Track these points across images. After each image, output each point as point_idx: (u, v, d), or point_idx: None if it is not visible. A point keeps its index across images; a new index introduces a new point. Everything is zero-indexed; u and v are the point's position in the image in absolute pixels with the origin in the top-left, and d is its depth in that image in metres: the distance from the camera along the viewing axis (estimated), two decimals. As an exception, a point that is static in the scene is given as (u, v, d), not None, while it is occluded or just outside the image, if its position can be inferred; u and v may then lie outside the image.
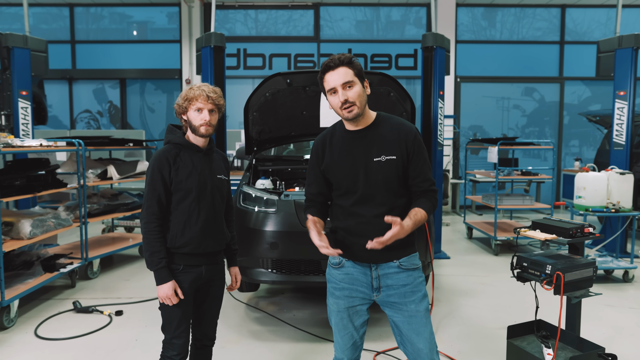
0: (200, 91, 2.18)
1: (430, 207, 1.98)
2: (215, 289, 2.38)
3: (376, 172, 1.94)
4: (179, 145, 2.26)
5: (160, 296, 2.17)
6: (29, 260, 4.41)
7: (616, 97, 5.93)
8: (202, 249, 2.25)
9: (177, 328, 2.22)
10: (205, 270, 2.29)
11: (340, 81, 1.87)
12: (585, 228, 2.85)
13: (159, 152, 2.23)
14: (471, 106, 10.10)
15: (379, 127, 1.98)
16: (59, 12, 10.09)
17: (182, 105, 2.21)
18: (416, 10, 10.13)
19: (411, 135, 1.96)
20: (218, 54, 5.77)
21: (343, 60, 1.90)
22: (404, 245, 1.99)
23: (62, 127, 10.12)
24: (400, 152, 1.94)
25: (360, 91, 1.90)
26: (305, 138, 4.58)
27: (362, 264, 2.01)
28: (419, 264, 2.05)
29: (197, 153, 2.27)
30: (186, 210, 2.21)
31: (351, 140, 1.99)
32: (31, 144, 4.16)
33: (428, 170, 1.99)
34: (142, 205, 2.21)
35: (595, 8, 9.98)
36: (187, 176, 2.20)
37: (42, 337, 3.58)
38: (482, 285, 4.86)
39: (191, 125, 2.22)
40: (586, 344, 2.89)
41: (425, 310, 2.00)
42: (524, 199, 6.51)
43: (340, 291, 2.05)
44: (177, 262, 2.23)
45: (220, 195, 2.34)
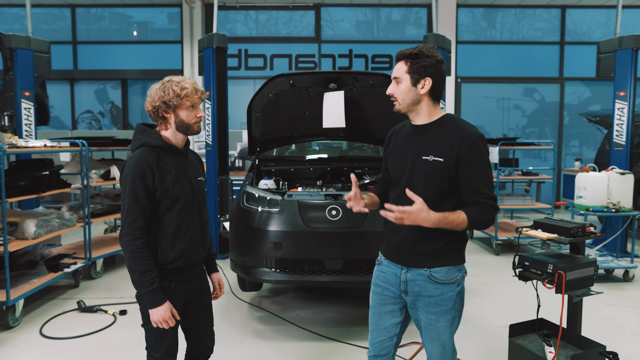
0: (191, 86, 2.02)
1: (476, 218, 1.83)
2: (204, 298, 2.25)
3: (420, 170, 1.90)
4: (157, 148, 2.03)
5: (156, 320, 1.97)
6: (33, 260, 4.44)
7: (616, 98, 5.96)
8: (192, 260, 2.10)
9: (168, 348, 2.08)
10: (194, 283, 2.16)
11: (393, 75, 1.94)
12: (587, 227, 2.88)
13: (136, 158, 1.98)
14: (472, 106, 10.13)
15: (440, 127, 1.92)
16: (59, 13, 10.12)
17: (172, 103, 1.99)
18: (416, 11, 10.16)
19: (468, 142, 1.83)
20: (220, 55, 5.80)
21: (404, 54, 1.91)
22: (437, 253, 1.93)
23: (64, 128, 10.14)
24: (449, 156, 1.84)
25: (405, 89, 1.90)
26: (308, 138, 4.60)
27: (395, 264, 2.02)
28: (454, 277, 1.94)
29: (177, 155, 2.08)
30: (175, 220, 2.02)
31: (411, 134, 1.99)
32: (36, 145, 4.19)
33: (482, 184, 1.84)
34: (123, 219, 1.95)
35: (595, 9, 10.01)
36: (174, 182, 2.01)
37: (47, 336, 3.61)
38: (483, 285, 4.88)
39: (182, 124, 2.03)
40: (587, 342, 2.92)
41: (446, 322, 1.96)
42: (524, 199, 6.54)
43: (376, 287, 2.11)
44: (168, 279, 2.03)
45: (202, 199, 2.21)
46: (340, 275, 3.48)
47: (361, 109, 4.14)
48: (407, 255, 1.96)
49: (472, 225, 1.85)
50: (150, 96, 2.04)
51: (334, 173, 4.53)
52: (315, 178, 4.51)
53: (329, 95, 3.87)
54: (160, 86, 2.02)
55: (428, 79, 1.87)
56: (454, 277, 1.95)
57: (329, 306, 4.24)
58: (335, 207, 3.49)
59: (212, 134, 5.82)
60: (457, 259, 1.97)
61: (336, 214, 3.48)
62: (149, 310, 1.98)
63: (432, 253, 1.93)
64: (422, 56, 1.87)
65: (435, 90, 1.90)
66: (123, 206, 1.97)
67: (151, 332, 2.07)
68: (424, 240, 1.92)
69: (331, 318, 3.97)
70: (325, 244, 3.45)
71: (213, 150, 5.86)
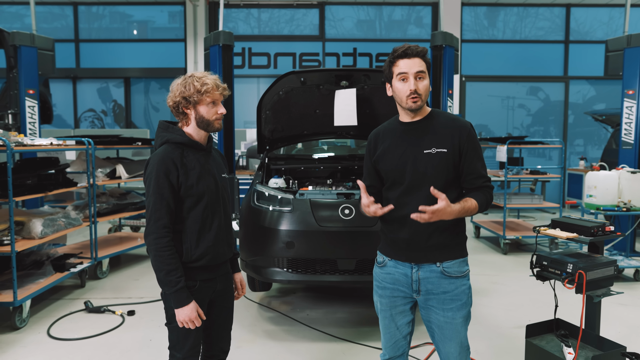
0: (213, 82, 1.98)
1: (484, 201, 1.92)
2: (226, 300, 2.20)
3: (425, 164, 1.91)
4: (180, 144, 2.01)
5: (182, 320, 1.94)
6: (39, 260, 4.39)
7: (625, 96, 5.92)
8: (218, 259, 2.06)
9: (191, 348, 2.05)
10: (219, 283, 2.12)
11: (415, 69, 1.87)
12: (607, 227, 2.84)
13: (160, 155, 1.96)
14: (476, 105, 10.09)
15: (434, 119, 1.96)
16: (60, 11, 10.05)
17: (192, 98, 1.96)
18: (418, 10, 10.12)
19: (465, 130, 1.93)
20: (227, 53, 5.75)
21: (420, 52, 1.90)
22: (448, 247, 1.95)
23: (66, 127, 10.08)
24: (452, 146, 1.90)
25: (428, 85, 1.93)
26: (318, 137, 4.56)
27: (404, 263, 1.99)
28: (465, 270, 1.98)
29: (200, 152, 2.06)
30: (199, 218, 1.99)
31: (405, 131, 1.99)
32: (42, 143, 4.13)
33: (481, 168, 1.95)
34: (148, 217, 1.93)
35: (598, 8, 9.98)
36: (198, 179, 1.98)
37: (55, 337, 3.56)
38: (493, 285, 4.84)
39: (202, 120, 2.00)
40: (606, 343, 2.87)
41: (462, 319, 1.97)
42: (532, 198, 6.50)
43: (383, 290, 2.06)
44: (193, 278, 2.00)
45: (227, 196, 2.18)
46: (353, 275, 3.44)
47: (372, 107, 4.10)
48: (418, 251, 1.95)
49: (482, 208, 1.92)
50: (171, 91, 2.02)
51: (344, 172, 4.49)
52: (325, 177, 4.47)
53: (341, 92, 3.82)
54: (182, 81, 2.00)
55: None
56: (465, 270, 1.98)
57: (339, 306, 4.19)
58: (348, 206, 3.45)
59: (219, 132, 5.77)
60: (464, 250, 2.01)
61: (349, 213, 3.44)
62: (175, 310, 1.95)
63: (443, 246, 1.94)
64: (427, 56, 1.94)
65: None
66: (148, 204, 1.94)
67: (175, 332, 2.04)
68: (437, 233, 1.92)
69: (342, 318, 3.92)
70: (338, 244, 3.41)
71: (219, 149, 5.80)
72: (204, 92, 1.96)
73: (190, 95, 1.96)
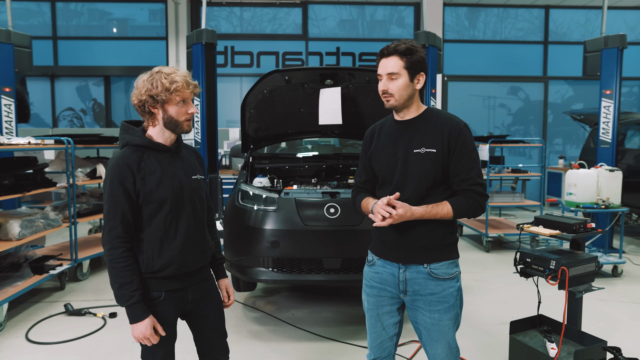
0: (183, 79, 1.82)
1: (463, 207, 1.87)
2: (210, 308, 2.04)
3: (413, 164, 1.89)
4: (140, 147, 1.85)
5: (136, 337, 1.79)
6: (16, 262, 4.28)
7: (602, 96, 6.04)
8: (187, 268, 1.89)
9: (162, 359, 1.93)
10: (192, 292, 1.95)
11: (388, 70, 1.87)
12: (588, 224, 2.89)
13: (116, 160, 1.81)
14: (458, 105, 10.20)
15: (426, 119, 1.93)
16: (37, 8, 9.82)
17: (159, 97, 1.80)
18: (400, 10, 10.18)
19: (456, 130, 1.87)
20: (209, 51, 5.68)
21: (397, 49, 1.87)
22: (436, 248, 1.92)
23: (44, 126, 9.85)
24: (442, 146, 1.86)
25: (402, 84, 1.87)
26: (302, 136, 4.54)
27: (392, 263, 1.98)
28: (453, 272, 1.94)
29: (164, 154, 1.88)
30: (161, 225, 1.83)
31: (397, 130, 1.97)
32: (20, 142, 4.03)
33: (471, 170, 1.87)
34: (103, 226, 1.80)
35: (575, 9, 10.19)
36: (157, 184, 1.82)
37: (34, 342, 3.47)
38: (476, 282, 4.90)
39: (171, 121, 1.84)
40: (588, 338, 2.93)
41: (449, 321, 1.93)
42: (514, 196, 6.60)
43: (370, 289, 2.05)
44: (157, 289, 1.85)
45: (199, 200, 1.98)
46: (339, 274, 3.43)
47: (357, 106, 4.09)
48: (405, 252, 1.93)
49: (459, 214, 1.87)
50: (137, 88, 1.85)
51: (329, 171, 4.48)
52: (310, 176, 4.45)
53: (326, 91, 3.81)
54: (148, 78, 1.82)
55: (422, 74, 1.90)
56: (453, 273, 1.94)
57: (324, 305, 4.18)
58: (333, 205, 3.44)
59: (202, 131, 5.70)
60: (454, 253, 1.97)
61: (334, 212, 3.43)
62: (131, 326, 1.80)
63: (431, 248, 1.91)
64: (415, 51, 1.87)
65: (424, 85, 1.93)
66: (104, 211, 1.80)
67: (144, 350, 1.92)
68: (424, 235, 1.90)
69: (328, 317, 3.92)
70: (324, 243, 3.40)
71: (202, 148, 5.74)
72: (173, 91, 1.80)
73: (157, 94, 1.80)
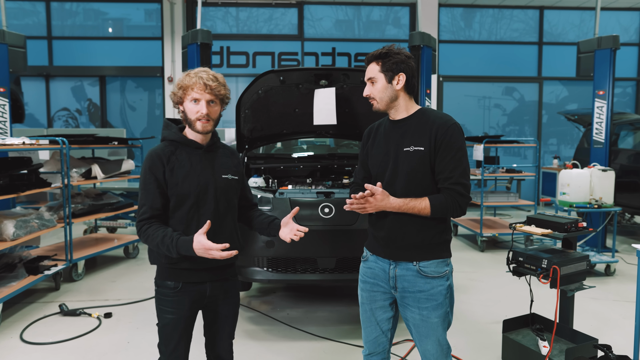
0: (197, 78, 1.87)
1: (442, 204, 1.88)
2: (225, 307, 2.09)
3: (403, 162, 1.94)
4: (174, 142, 1.97)
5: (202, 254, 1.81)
6: (11, 262, 4.27)
7: (596, 97, 6.09)
8: (205, 264, 1.92)
9: (173, 351, 2.00)
10: (211, 288, 2.01)
11: (368, 75, 2.00)
12: (579, 223, 2.92)
13: (151, 151, 1.94)
14: (453, 105, 10.23)
15: (417, 119, 1.98)
16: (32, 8, 9.78)
17: (178, 94, 1.92)
18: (396, 11, 10.21)
19: (443, 128, 1.90)
20: (205, 51, 5.69)
21: (374, 55, 1.99)
22: (426, 247, 1.95)
23: (39, 126, 9.81)
24: (429, 144, 1.90)
25: (381, 87, 1.97)
26: (297, 136, 4.55)
27: (383, 259, 2.03)
28: (443, 271, 1.97)
29: (196, 150, 1.97)
30: (183, 219, 1.92)
31: (390, 129, 2.04)
32: (14, 142, 4.02)
33: (454, 169, 1.89)
34: (137, 212, 1.95)
35: (570, 10, 10.24)
36: (183, 178, 1.91)
37: (28, 342, 3.47)
38: (471, 281, 4.93)
39: (187, 119, 1.94)
40: (579, 336, 2.96)
41: (438, 319, 1.96)
42: (508, 196, 6.64)
43: (364, 284, 2.11)
44: (176, 279, 1.94)
45: (226, 199, 2.02)
46: (334, 274, 3.45)
47: (351, 106, 4.11)
48: (395, 249, 1.98)
49: (436, 212, 1.88)
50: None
51: (324, 170, 4.49)
52: (304, 176, 4.46)
53: (320, 91, 3.82)
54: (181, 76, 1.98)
55: (401, 74, 1.95)
56: (443, 271, 1.97)
57: (319, 305, 4.20)
58: (328, 205, 3.46)
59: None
60: (445, 252, 1.99)
61: (329, 211, 3.44)
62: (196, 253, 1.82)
63: (421, 246, 1.95)
64: (392, 54, 1.95)
65: (409, 84, 1.98)
66: (138, 198, 1.94)
67: (160, 333, 2.03)
68: (412, 232, 1.94)
69: (323, 317, 3.93)
70: (318, 242, 3.41)
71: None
72: (184, 88, 1.91)
73: (176, 92, 1.94)
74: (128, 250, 5.85)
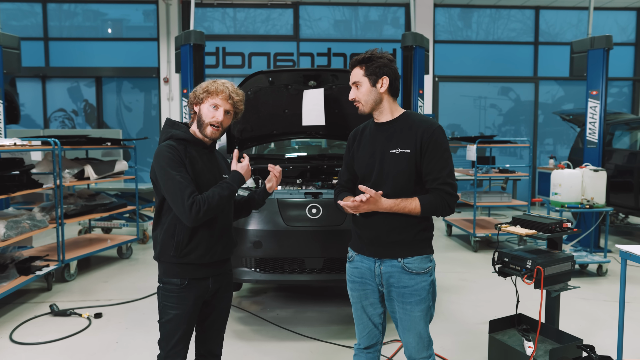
0: (224, 87, 2.03)
1: (431, 204, 1.95)
2: (222, 301, 2.19)
3: (389, 164, 1.99)
4: (183, 140, 2.04)
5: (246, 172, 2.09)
6: (2, 263, 4.28)
7: (589, 97, 6.10)
8: (209, 258, 2.05)
9: (173, 347, 2.05)
10: (212, 282, 2.10)
11: (352, 81, 2.06)
12: (564, 223, 2.93)
13: (164, 147, 1.98)
14: (449, 105, 10.24)
15: (403, 121, 2.04)
16: (30, 9, 9.81)
17: (199, 95, 2.04)
18: (394, 11, 10.22)
19: (429, 131, 1.96)
20: (198, 52, 5.71)
21: (357, 60, 2.04)
22: (410, 243, 2.02)
23: (35, 127, 9.84)
24: (415, 146, 1.96)
25: (365, 91, 2.02)
26: (287, 137, 4.56)
27: (368, 258, 2.08)
28: (427, 267, 2.03)
29: (203, 150, 2.09)
30: None
31: (375, 132, 2.09)
32: (4, 143, 4.04)
33: (442, 170, 1.96)
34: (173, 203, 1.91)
35: (567, 10, 10.24)
36: (197, 174, 2.01)
37: (18, 342, 3.48)
38: (462, 282, 4.93)
39: (199, 120, 2.04)
40: (565, 336, 2.97)
41: (420, 312, 2.02)
42: (501, 196, 6.64)
43: (353, 284, 2.16)
44: (182, 276, 2.02)
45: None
46: (321, 274, 3.46)
47: (341, 107, 4.12)
48: (380, 247, 2.04)
49: (426, 211, 1.96)
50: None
51: (314, 171, 4.50)
52: (294, 176, 4.47)
53: (309, 92, 3.84)
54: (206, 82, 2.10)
55: (385, 77, 2.00)
56: (427, 267, 2.04)
57: (309, 305, 4.21)
58: (315, 206, 3.47)
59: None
60: (428, 248, 2.07)
61: (316, 212, 3.45)
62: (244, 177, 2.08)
63: (405, 243, 2.02)
64: (375, 58, 2.01)
65: (392, 86, 2.03)
66: (167, 190, 1.92)
67: (161, 329, 2.08)
68: (397, 230, 2.00)
69: (312, 317, 3.94)
70: (306, 243, 3.42)
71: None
72: (208, 92, 2.03)
73: (200, 93, 2.04)
74: (121, 250, 5.86)
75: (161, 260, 2.06)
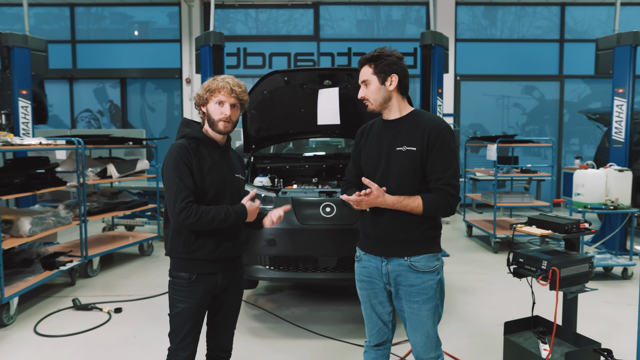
0: (224, 83, 2.05)
1: (433, 203, 1.94)
2: (231, 297, 2.22)
3: (395, 161, 2.00)
4: (196, 139, 2.08)
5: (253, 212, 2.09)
6: (28, 258, 4.44)
7: (615, 95, 5.93)
8: (218, 255, 2.07)
9: (182, 340, 2.09)
10: (222, 278, 2.13)
11: (361, 80, 2.05)
12: (581, 224, 2.85)
13: (175, 146, 2.03)
14: (471, 104, 10.10)
15: (411, 119, 2.03)
16: (59, 12, 10.12)
17: (203, 96, 2.07)
18: (417, 9, 10.13)
19: (436, 130, 1.96)
20: (217, 53, 5.79)
21: (366, 58, 2.04)
22: (416, 242, 2.01)
23: (63, 127, 10.15)
24: (421, 144, 1.96)
25: (375, 89, 2.01)
26: (303, 136, 4.58)
27: (375, 257, 2.08)
28: (434, 266, 2.02)
29: (216, 149, 2.11)
30: None
31: (383, 129, 2.09)
32: (30, 142, 4.18)
33: (445, 170, 1.95)
34: (168, 205, 1.97)
35: (596, 6, 9.96)
36: (206, 173, 2.03)
37: (41, 334, 3.60)
38: (481, 283, 4.86)
39: (209, 119, 2.08)
40: (582, 340, 2.89)
41: (427, 312, 2.02)
42: (523, 197, 6.51)
43: (361, 283, 2.17)
44: (190, 271, 2.05)
45: (238, 196, 2.17)
46: (335, 273, 3.47)
47: (356, 106, 4.11)
48: (386, 245, 2.04)
49: (428, 210, 1.95)
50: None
51: (330, 170, 4.51)
52: (310, 175, 4.49)
53: (324, 91, 3.85)
54: (206, 81, 2.12)
55: (394, 75, 2.00)
56: (434, 266, 2.03)
57: (324, 304, 4.22)
58: (329, 204, 3.48)
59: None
60: (435, 247, 2.06)
61: (330, 211, 3.46)
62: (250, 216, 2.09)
63: (411, 241, 2.01)
64: (383, 56, 2.01)
65: (402, 84, 2.03)
66: (166, 188, 1.98)
67: (171, 323, 2.12)
68: (403, 229, 2.00)
69: (326, 316, 3.95)
70: (320, 241, 3.43)
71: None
72: (211, 90, 2.05)
73: (203, 94, 2.08)
74: (143, 247, 5.99)
75: (171, 256, 2.11)
